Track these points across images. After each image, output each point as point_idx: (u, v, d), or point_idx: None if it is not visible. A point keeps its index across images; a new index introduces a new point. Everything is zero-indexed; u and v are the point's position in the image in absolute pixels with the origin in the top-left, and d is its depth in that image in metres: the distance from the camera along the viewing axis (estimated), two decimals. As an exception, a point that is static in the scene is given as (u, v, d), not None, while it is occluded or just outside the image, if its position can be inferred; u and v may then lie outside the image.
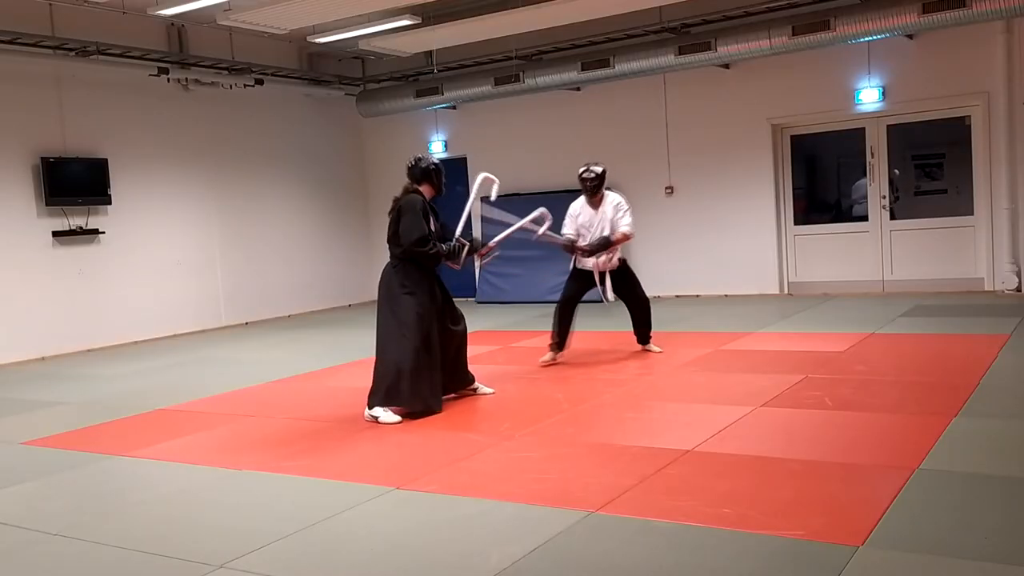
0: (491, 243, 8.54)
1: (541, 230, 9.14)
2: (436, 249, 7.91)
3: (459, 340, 8.16)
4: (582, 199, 9.85)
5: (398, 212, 7.94)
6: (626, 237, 9.64)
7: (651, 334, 10.10)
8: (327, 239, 17.23)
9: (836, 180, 15.24)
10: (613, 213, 9.65)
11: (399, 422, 7.51)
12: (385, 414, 7.60)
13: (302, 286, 16.87)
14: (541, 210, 9.17)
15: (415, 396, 7.65)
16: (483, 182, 8.73)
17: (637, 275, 10.17)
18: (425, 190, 8.16)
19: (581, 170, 9.74)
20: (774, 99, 14.53)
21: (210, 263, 15.40)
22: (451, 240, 8.14)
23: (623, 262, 9.89)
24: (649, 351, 9.99)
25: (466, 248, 8.23)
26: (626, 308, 10.11)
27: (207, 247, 15.36)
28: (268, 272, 16.21)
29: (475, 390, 8.32)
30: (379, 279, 8.00)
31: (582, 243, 9.67)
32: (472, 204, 8.57)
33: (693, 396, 7.87)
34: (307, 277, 16.97)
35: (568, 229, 9.78)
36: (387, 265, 7.99)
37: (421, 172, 8.18)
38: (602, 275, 9.76)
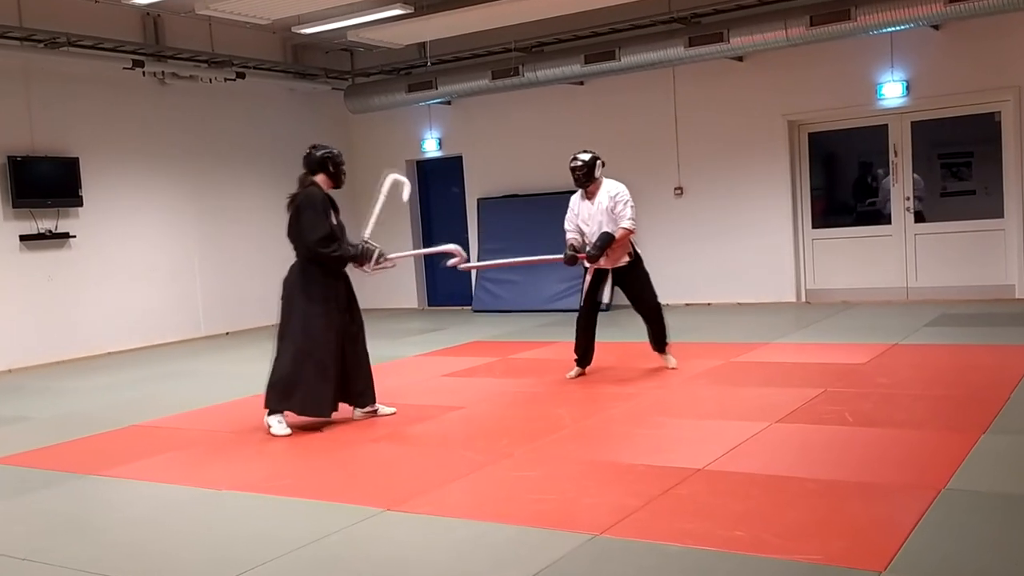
0: (392, 256, 8.39)
1: (451, 261, 8.92)
2: (341, 251, 7.88)
3: (361, 351, 8.18)
4: (580, 192, 9.52)
5: (297, 209, 7.90)
6: (627, 233, 9.22)
7: (667, 343, 9.70)
8: None
9: (857, 180, 15.24)
10: (610, 204, 9.24)
11: (289, 435, 7.74)
12: (279, 426, 7.79)
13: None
14: (453, 246, 8.99)
15: (306, 403, 7.82)
16: (392, 184, 8.48)
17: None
18: (321, 181, 8.08)
19: (570, 160, 9.41)
20: (791, 94, 14.55)
21: (188, 269, 15.41)
22: (357, 243, 8.13)
23: (633, 258, 9.45)
24: (666, 364, 9.64)
25: (376, 251, 8.18)
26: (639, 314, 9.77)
27: (185, 252, 15.37)
28: (250, 278, 16.21)
29: (375, 411, 8.30)
30: (287, 277, 8.05)
31: (584, 240, 9.35)
32: (380, 207, 8.38)
33: (704, 411, 7.87)
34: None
35: (569, 225, 9.49)
36: (293, 264, 8.03)
37: (316, 161, 8.06)
38: (604, 273, 9.39)
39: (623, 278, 9.44)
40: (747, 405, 7.85)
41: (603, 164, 9.42)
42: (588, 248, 9.24)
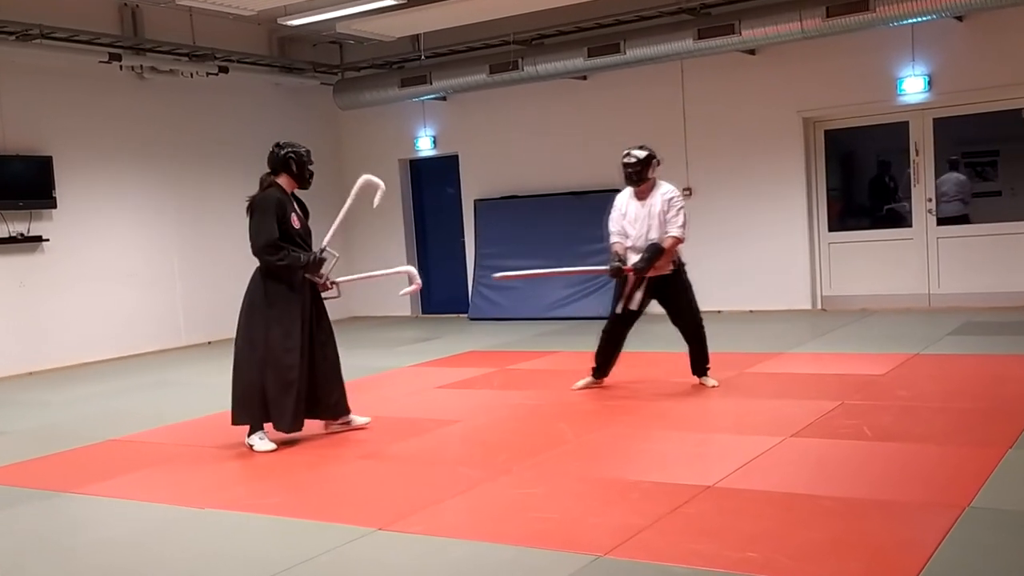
0: (339, 281, 8.24)
1: (406, 290, 8.64)
2: (288, 260, 7.80)
3: (331, 360, 8.17)
4: (629, 190, 9.23)
5: (248, 211, 7.90)
6: (676, 242, 8.94)
7: (708, 365, 9.39)
8: None
9: (876, 180, 15.26)
10: (663, 208, 8.98)
11: (274, 450, 7.75)
12: (261, 442, 7.82)
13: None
14: (408, 269, 8.83)
15: (280, 417, 7.81)
16: (364, 185, 8.25)
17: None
18: (284, 182, 8.05)
19: (622, 155, 9.14)
20: (806, 89, 14.56)
21: (168, 274, 15.41)
22: (315, 250, 8.06)
23: (677, 266, 9.14)
24: (704, 385, 9.29)
25: (335, 261, 8.11)
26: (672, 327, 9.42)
27: (165, 256, 15.38)
28: (234, 284, 15.98)
29: (349, 423, 8.31)
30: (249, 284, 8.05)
31: (628, 243, 9.08)
32: (346, 210, 8.25)
33: (715, 425, 7.88)
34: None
35: (614, 227, 9.22)
36: (255, 270, 8.04)
37: (278, 160, 8.04)
38: (640, 280, 9.00)
39: (663, 288, 9.10)
40: (760, 419, 7.86)
41: (659, 163, 9.20)
42: (635, 261, 8.93)
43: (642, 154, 9.05)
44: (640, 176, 9.05)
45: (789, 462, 6.58)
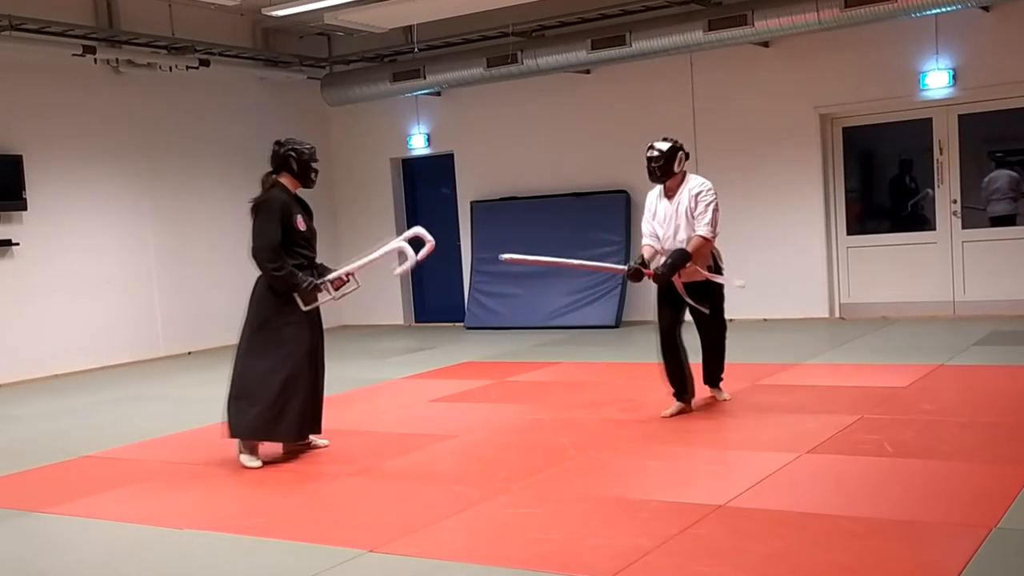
0: (353, 267, 8.19)
1: (418, 255, 8.19)
2: (284, 273, 7.80)
3: (322, 371, 8.22)
4: (659, 188, 8.89)
5: (253, 212, 7.91)
6: (703, 242, 8.57)
7: (722, 376, 9.16)
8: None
9: (897, 180, 15.27)
10: (691, 204, 8.61)
11: (260, 467, 7.79)
12: (250, 460, 7.85)
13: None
14: (417, 230, 8.48)
15: (289, 429, 7.85)
16: (397, 250, 8.34)
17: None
18: (287, 182, 8.07)
19: (646, 149, 8.76)
20: (823, 84, 14.58)
21: (146, 280, 15.42)
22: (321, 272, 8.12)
23: (713, 270, 8.83)
24: (716, 398, 9.15)
25: (353, 290, 8.20)
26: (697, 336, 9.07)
27: (142, 261, 15.39)
28: (216, 291, 16.21)
29: (310, 443, 8.28)
30: (251, 290, 8.08)
31: (659, 245, 8.72)
32: (368, 260, 8.25)
33: (726, 440, 7.88)
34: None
35: (646, 228, 8.87)
36: (259, 281, 8.05)
37: (279, 159, 8.06)
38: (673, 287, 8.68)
39: (698, 293, 8.74)
40: (774, 434, 7.87)
41: (686, 156, 8.79)
42: (657, 265, 8.58)
43: (665, 146, 8.66)
44: (664, 171, 8.66)
45: (805, 480, 6.59)
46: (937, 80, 13.87)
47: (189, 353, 15.77)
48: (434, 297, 18.09)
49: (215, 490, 7.33)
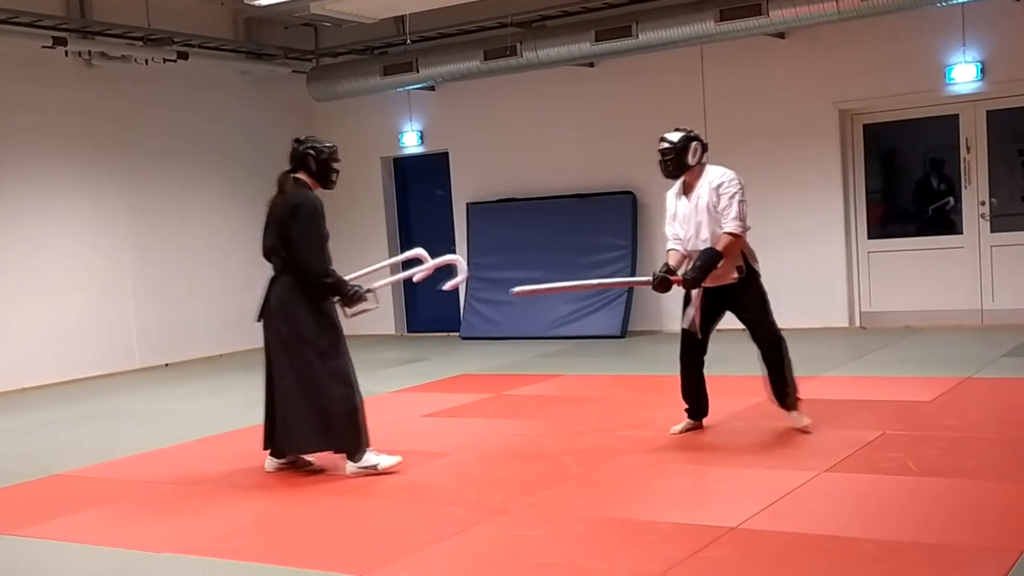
0: (376, 287, 8.37)
1: (449, 283, 8.76)
2: (334, 280, 7.94)
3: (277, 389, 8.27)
4: (678, 184, 8.56)
5: (291, 214, 7.89)
6: (733, 240, 8.14)
7: (798, 395, 8.52)
8: (263, 261, 17.03)
9: (922, 181, 15.26)
10: (711, 199, 8.25)
11: (399, 461, 7.91)
12: (381, 457, 7.89)
13: (237, 317, 16.83)
14: (453, 257, 8.86)
15: (364, 435, 7.93)
16: (447, 266, 8.66)
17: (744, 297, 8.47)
18: (305, 181, 8.15)
19: (658, 141, 8.43)
20: (842, 78, 14.59)
21: (120, 288, 15.42)
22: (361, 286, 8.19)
23: (745, 272, 8.36)
24: (794, 425, 8.43)
25: (374, 308, 8.34)
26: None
27: (116, 266, 15.39)
28: (195, 299, 16.22)
29: (293, 462, 8.29)
30: (270, 295, 8.09)
31: (684, 248, 8.40)
32: (420, 273, 8.40)
33: (738, 458, 7.88)
34: (241, 306, 16.85)
35: (669, 231, 8.55)
36: (281, 278, 8.05)
37: (296, 157, 8.14)
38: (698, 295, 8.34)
39: (731, 300, 8.40)
40: (790, 451, 7.88)
41: (703, 147, 8.43)
42: (686, 270, 8.27)
43: (676, 137, 8.31)
44: (678, 164, 8.32)
45: (823, 500, 6.60)
46: (964, 74, 13.87)
47: (166, 365, 15.77)
48: (427, 305, 18.08)
49: (194, 511, 7.33)
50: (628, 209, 15.82)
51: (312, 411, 7.87)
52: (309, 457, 8.28)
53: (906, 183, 15.60)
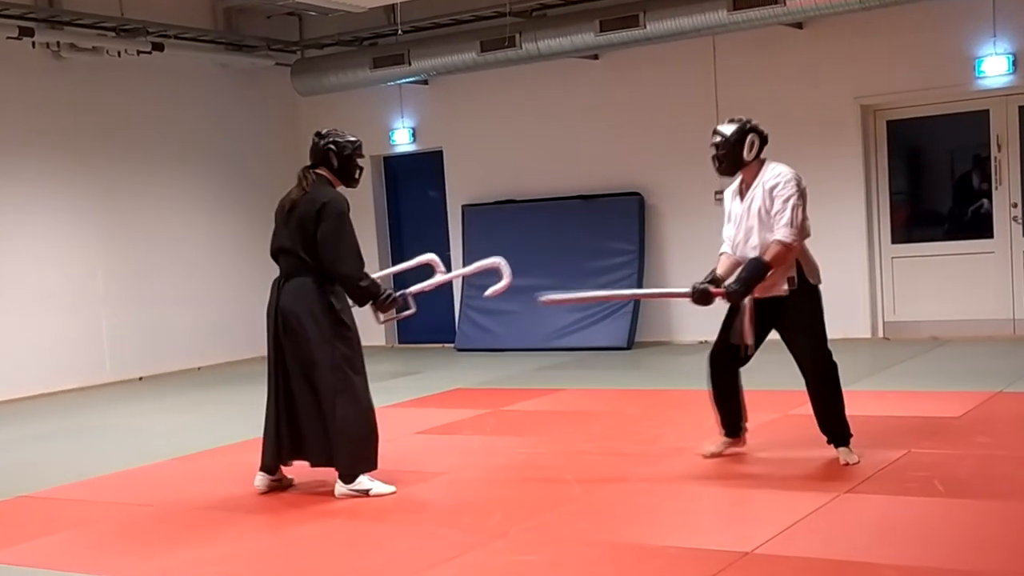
0: (414, 290, 8.44)
1: (493, 288, 8.73)
2: (368, 283, 7.96)
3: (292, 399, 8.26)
4: (736, 183, 8.21)
5: (318, 213, 7.88)
6: (782, 250, 7.71)
7: (849, 433, 8.01)
8: (250, 264, 16.91)
9: (950, 181, 15.27)
10: (764, 203, 7.85)
11: (393, 492, 7.85)
12: (375, 484, 7.87)
13: (216, 327, 16.86)
14: (497, 260, 8.84)
15: (375, 454, 7.96)
16: (489, 268, 8.85)
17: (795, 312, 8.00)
18: (327, 178, 8.17)
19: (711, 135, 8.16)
20: (864, 71, 14.61)
21: (91, 296, 15.41)
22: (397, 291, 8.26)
23: (796, 285, 7.93)
24: (840, 460, 7.94)
25: (408, 314, 8.46)
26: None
27: (87, 274, 15.39)
28: (172, 307, 16.21)
29: (280, 480, 8.31)
30: (277, 300, 8.06)
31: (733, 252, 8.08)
32: (455, 276, 8.48)
33: (753, 478, 7.88)
34: (223, 315, 16.93)
35: (724, 234, 8.22)
36: (297, 281, 8.00)
37: (318, 152, 8.13)
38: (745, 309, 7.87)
39: (777, 314, 7.96)
40: (808, 470, 7.87)
41: (763, 140, 8.05)
42: (730, 281, 7.89)
43: (730, 129, 8.00)
44: (731, 160, 7.98)
45: (844, 523, 6.60)
46: (995, 67, 13.89)
47: (141, 379, 15.76)
48: (420, 315, 17.94)
49: (170, 535, 7.32)
50: (635, 211, 15.82)
51: (319, 425, 7.88)
52: (290, 476, 8.31)
53: (932, 184, 15.61)
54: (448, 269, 9.13)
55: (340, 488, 7.88)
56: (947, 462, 7.84)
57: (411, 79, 16.72)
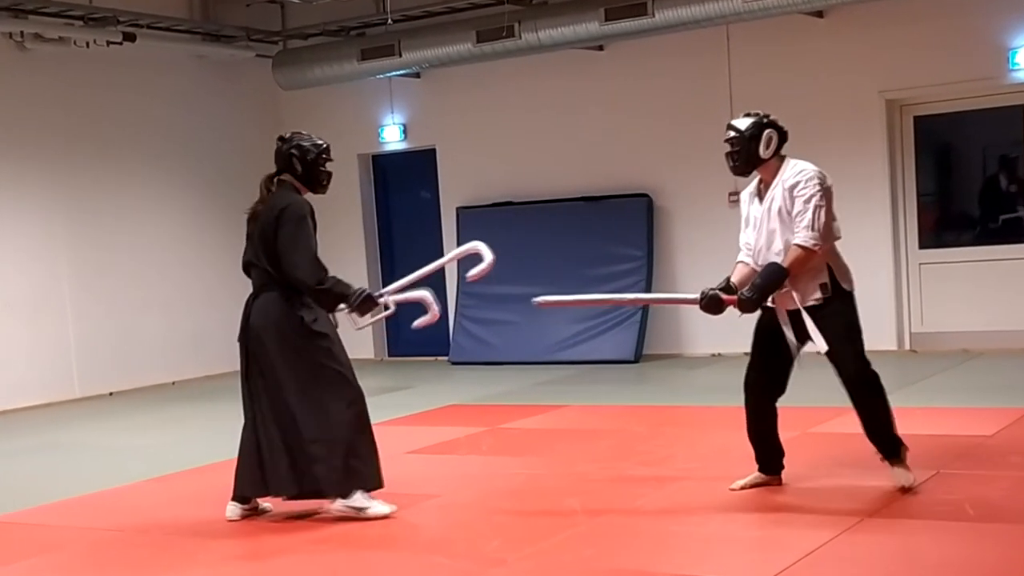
0: (388, 292, 8.37)
1: (473, 271, 8.44)
2: (330, 284, 7.87)
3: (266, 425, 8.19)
4: (755, 183, 8.05)
5: (276, 219, 7.88)
6: (803, 254, 7.51)
7: (899, 443, 7.82)
8: (228, 269, 16.68)
9: (983, 181, 15.27)
10: (785, 203, 7.67)
11: (390, 514, 7.83)
12: (373, 503, 7.85)
13: (193, 338, 16.86)
14: (476, 245, 8.60)
15: (374, 470, 7.93)
16: (467, 253, 8.71)
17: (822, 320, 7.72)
18: (293, 185, 8.16)
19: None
20: (889, 63, 14.62)
21: (57, 306, 15.41)
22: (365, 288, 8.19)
23: (830, 293, 7.73)
24: (894, 482, 7.74)
25: (384, 314, 8.40)
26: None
27: (52, 282, 15.39)
28: (144, 317, 16.21)
29: (256, 507, 8.26)
30: (250, 317, 8.07)
31: (754, 261, 7.87)
32: (435, 268, 8.45)
33: (770, 501, 7.88)
34: (200, 325, 16.92)
35: (741, 239, 8.06)
36: (267, 296, 8.01)
37: (281, 157, 8.14)
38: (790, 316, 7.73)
39: (805, 326, 7.72)
40: (829, 493, 7.88)
41: (782, 136, 7.91)
42: (744, 289, 7.67)
43: (745, 123, 7.88)
44: (746, 158, 7.81)
45: (867, 550, 6.60)
46: (1029, 59, 13.93)
47: (110, 394, 15.76)
48: (412, 326, 18.08)
49: (141, 563, 7.33)
50: (643, 214, 15.83)
51: (285, 454, 7.84)
52: (266, 503, 8.28)
53: (963, 184, 15.61)
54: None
55: (336, 504, 7.87)
56: (978, 484, 7.85)
57: (402, 72, 16.73)
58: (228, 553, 7.41)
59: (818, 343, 7.61)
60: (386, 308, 8.35)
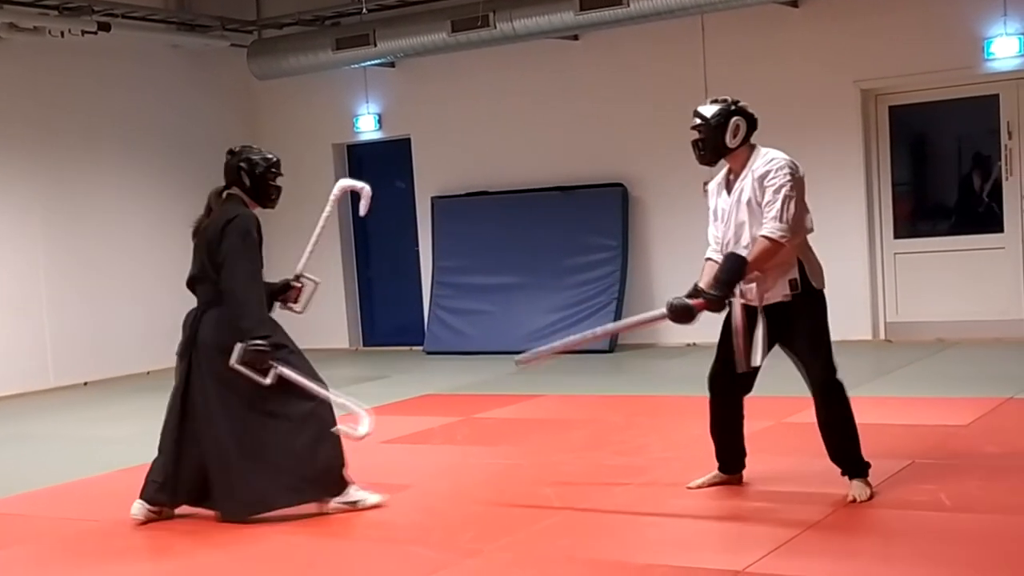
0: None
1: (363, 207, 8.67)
2: (270, 341, 7.67)
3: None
4: (722, 174, 7.74)
5: (220, 233, 7.74)
6: (770, 246, 7.15)
7: (862, 459, 7.43)
8: None
9: (957, 171, 15.30)
10: (754, 193, 7.34)
11: (384, 500, 7.81)
12: (364, 494, 7.82)
13: (168, 328, 16.70)
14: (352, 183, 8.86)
15: (336, 478, 7.84)
16: (341, 193, 8.92)
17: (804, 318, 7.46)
18: (243, 198, 8.07)
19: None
20: (864, 53, 14.62)
21: (32, 296, 15.38)
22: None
23: (800, 290, 7.39)
24: (849, 495, 7.31)
25: (314, 288, 8.39)
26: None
27: (27, 273, 15.35)
28: (118, 308, 16.17)
29: (160, 512, 8.09)
30: (198, 333, 7.97)
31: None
32: (321, 226, 8.40)
33: (744, 492, 7.88)
34: (175, 315, 16.74)
35: (709, 233, 7.70)
36: (216, 312, 7.88)
37: (230, 170, 8.08)
38: (752, 314, 7.37)
39: (778, 323, 7.37)
40: (804, 482, 7.87)
41: (751, 123, 7.60)
42: (709, 289, 7.25)
43: (711, 110, 7.54)
44: (713, 147, 7.49)
45: (842, 539, 6.62)
46: (1005, 48, 13.89)
47: (85, 384, 15.73)
48: (387, 315, 18.07)
49: (117, 553, 7.30)
50: (618, 204, 15.82)
51: (270, 465, 7.70)
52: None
53: (938, 174, 15.64)
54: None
55: (333, 503, 7.82)
56: (953, 474, 7.86)
57: (377, 61, 16.70)
58: (202, 542, 7.38)
59: (755, 357, 7.27)
60: (314, 283, 8.39)
